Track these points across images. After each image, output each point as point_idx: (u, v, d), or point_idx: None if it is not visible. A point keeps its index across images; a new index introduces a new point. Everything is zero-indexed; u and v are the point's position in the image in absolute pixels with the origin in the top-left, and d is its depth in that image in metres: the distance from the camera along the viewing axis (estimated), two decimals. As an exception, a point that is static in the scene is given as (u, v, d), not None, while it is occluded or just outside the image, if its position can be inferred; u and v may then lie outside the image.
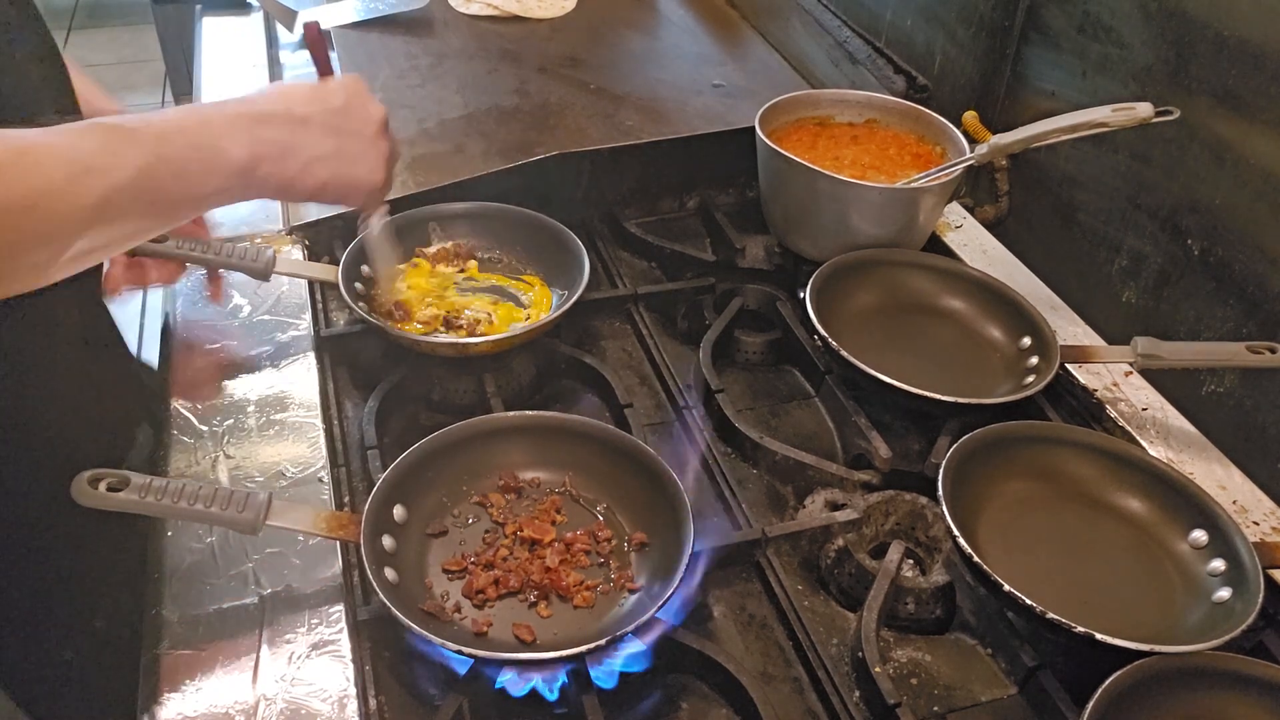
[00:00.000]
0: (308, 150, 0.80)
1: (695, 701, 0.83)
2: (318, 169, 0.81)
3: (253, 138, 0.76)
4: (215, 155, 0.73)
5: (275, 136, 0.78)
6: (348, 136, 0.84)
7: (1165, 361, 1.00)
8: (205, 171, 0.73)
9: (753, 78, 1.55)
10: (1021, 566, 0.87)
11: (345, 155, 0.83)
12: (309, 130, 0.80)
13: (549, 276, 1.18)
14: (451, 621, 0.82)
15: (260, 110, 0.79)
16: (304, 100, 0.82)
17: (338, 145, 0.83)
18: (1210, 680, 0.78)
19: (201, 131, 0.74)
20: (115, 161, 0.66)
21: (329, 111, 0.83)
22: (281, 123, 0.79)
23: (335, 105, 0.83)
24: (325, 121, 0.82)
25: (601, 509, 0.93)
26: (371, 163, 0.86)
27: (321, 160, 0.81)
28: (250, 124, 0.77)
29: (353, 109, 0.85)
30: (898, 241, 1.21)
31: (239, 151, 0.75)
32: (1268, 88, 0.95)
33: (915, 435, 1.07)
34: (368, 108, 0.87)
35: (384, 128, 0.88)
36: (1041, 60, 1.24)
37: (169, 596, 0.81)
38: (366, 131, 0.85)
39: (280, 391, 1.00)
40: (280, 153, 0.78)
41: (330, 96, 0.84)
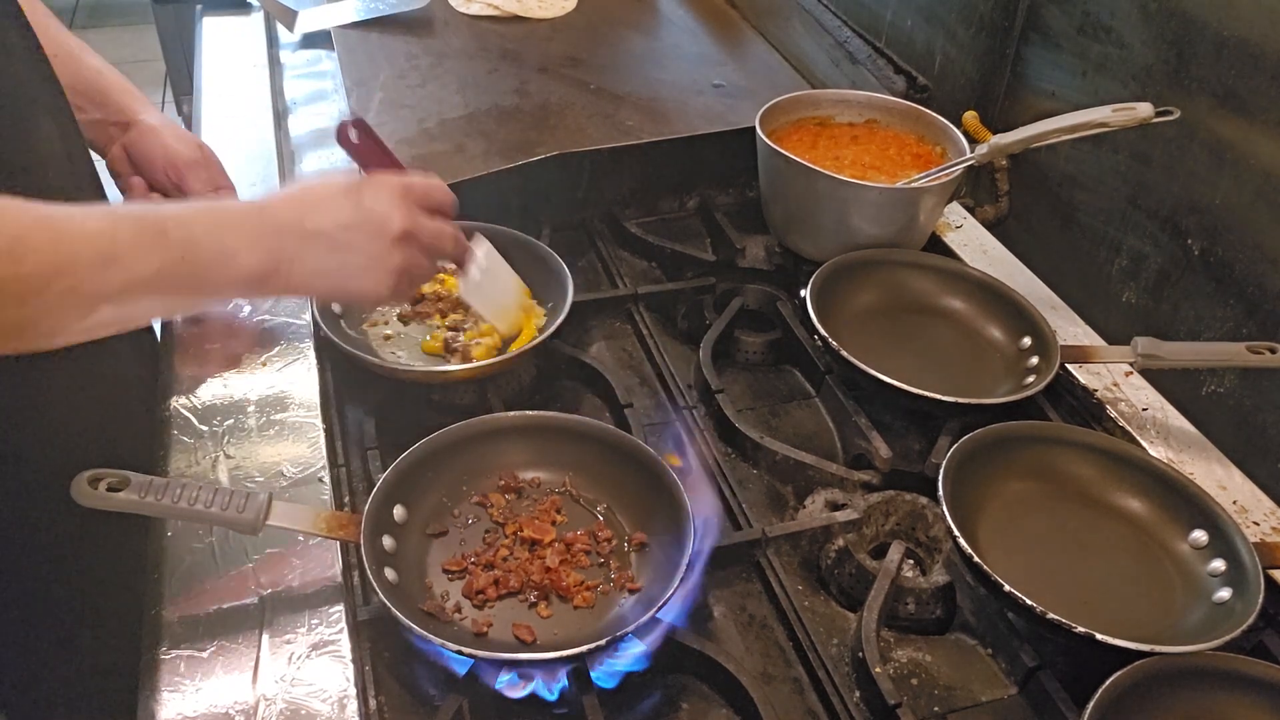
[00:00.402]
0: (312, 263, 0.82)
1: (695, 701, 0.83)
2: (319, 281, 0.85)
3: (267, 248, 0.79)
4: (232, 263, 0.77)
5: (285, 251, 0.80)
6: (353, 252, 0.84)
7: (1165, 361, 1.00)
8: (220, 276, 0.77)
9: (753, 78, 1.55)
10: (1022, 567, 0.87)
11: (346, 271, 0.84)
12: (316, 245, 0.82)
13: (535, 294, 1.15)
14: (451, 622, 0.82)
15: (278, 222, 0.82)
16: (317, 211, 0.83)
17: (341, 261, 0.84)
18: (1210, 680, 0.78)
19: (224, 237, 0.77)
20: (142, 256, 0.71)
21: (338, 226, 0.83)
22: (292, 236, 0.81)
23: (346, 220, 0.84)
24: (334, 236, 0.83)
25: (601, 509, 0.93)
26: (374, 278, 0.86)
27: (324, 274, 0.84)
28: (267, 236, 0.80)
29: (368, 222, 0.84)
30: (898, 241, 1.21)
31: (253, 262, 0.78)
32: (1268, 88, 0.95)
33: (915, 435, 1.07)
34: (385, 222, 0.85)
35: (401, 240, 0.86)
36: (1041, 60, 1.24)
37: (169, 596, 0.81)
38: (373, 248, 0.85)
39: (280, 391, 1.00)
40: (288, 265, 0.81)
41: (345, 209, 0.84)
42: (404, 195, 0.87)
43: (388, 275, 0.86)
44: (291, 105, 1.52)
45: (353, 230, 0.84)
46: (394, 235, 0.85)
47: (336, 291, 0.89)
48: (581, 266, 1.31)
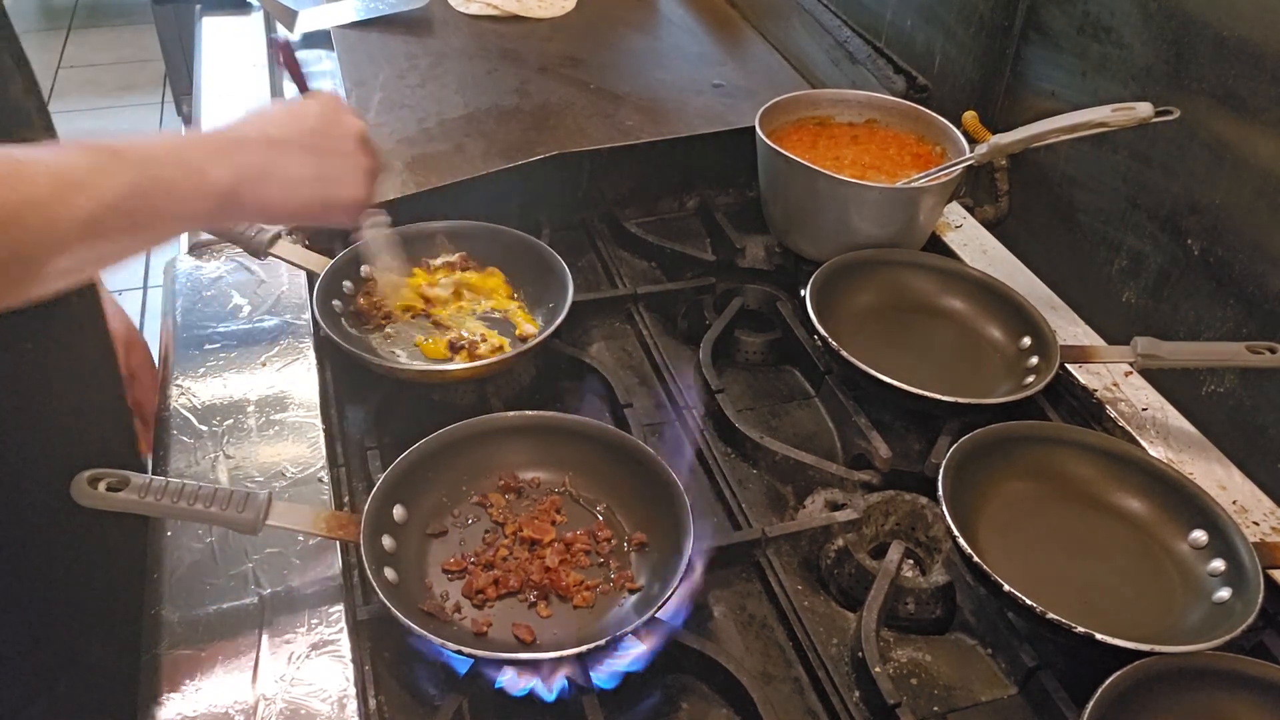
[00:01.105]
0: (287, 172, 0.81)
1: (695, 701, 0.83)
2: (300, 190, 0.83)
3: (234, 162, 0.77)
4: (200, 177, 0.74)
5: (254, 160, 0.79)
6: (326, 156, 0.84)
7: (1165, 361, 1.00)
8: (190, 193, 0.74)
9: (753, 78, 1.55)
10: (1021, 566, 0.87)
11: (325, 175, 0.84)
12: (287, 152, 0.81)
13: (534, 296, 1.15)
14: (451, 621, 0.82)
15: (239, 135, 0.80)
16: (279, 123, 0.83)
17: (317, 165, 0.83)
18: (1210, 680, 0.78)
19: (186, 154, 0.75)
20: (105, 179, 0.67)
21: (305, 132, 0.83)
22: (259, 147, 0.80)
23: (311, 126, 0.84)
24: (302, 142, 0.83)
25: (601, 509, 0.93)
26: (352, 179, 0.86)
27: (302, 181, 0.82)
28: (231, 148, 0.78)
29: (329, 127, 0.85)
30: (898, 241, 1.21)
31: (222, 174, 0.76)
32: (1268, 88, 0.95)
33: (915, 435, 1.07)
34: (344, 124, 0.87)
35: (363, 141, 0.88)
36: (1041, 60, 1.24)
37: (169, 596, 0.81)
38: (344, 148, 0.86)
39: (280, 391, 1.00)
40: (261, 175, 0.79)
41: (305, 117, 0.85)
42: (346, 106, 0.90)
43: (362, 175, 0.87)
44: (291, 105, 1.52)
45: (321, 134, 0.84)
46: (358, 135, 0.87)
47: (317, 199, 0.84)
48: (581, 266, 1.31)
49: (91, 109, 4.03)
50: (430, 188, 1.22)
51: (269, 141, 0.81)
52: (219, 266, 1.16)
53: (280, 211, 0.84)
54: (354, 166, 0.87)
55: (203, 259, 1.17)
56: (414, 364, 1.06)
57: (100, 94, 4.14)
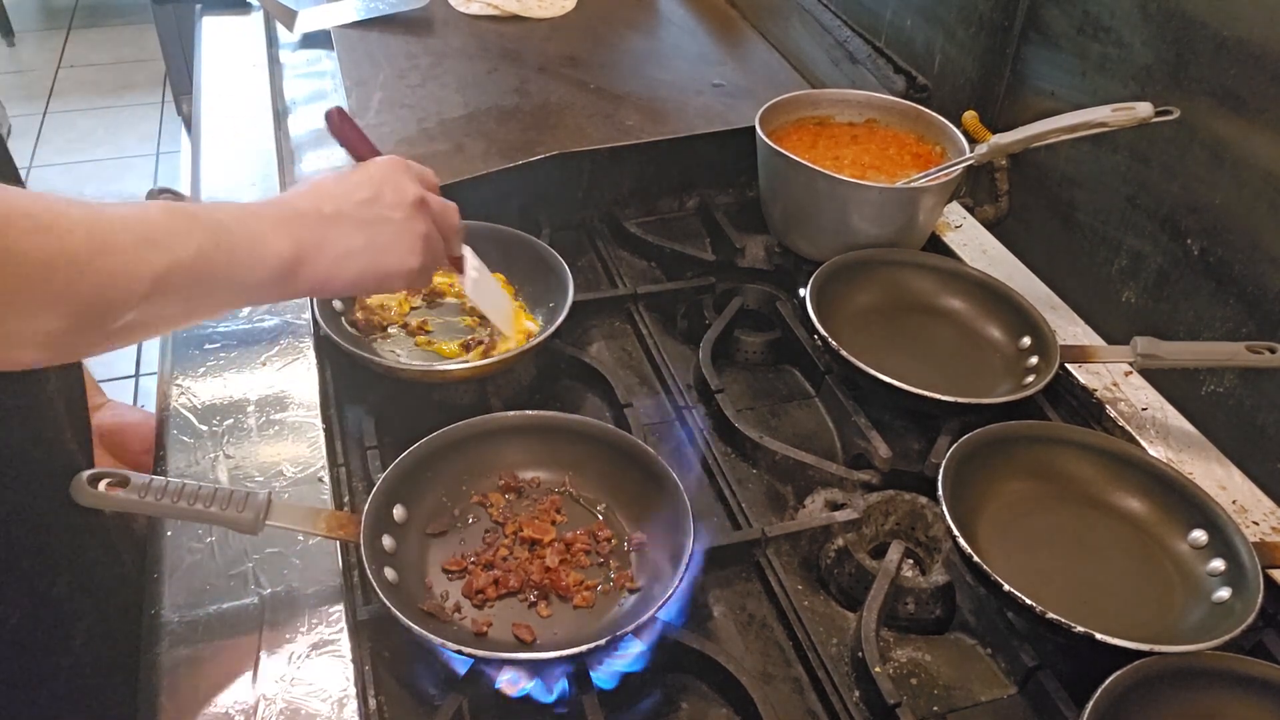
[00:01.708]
0: (339, 245, 0.80)
1: (695, 701, 0.83)
2: (349, 264, 0.81)
3: (293, 234, 0.77)
4: (265, 247, 0.75)
5: (311, 235, 0.79)
6: (377, 226, 0.83)
7: (1165, 361, 1.00)
8: (254, 262, 0.75)
9: (753, 77, 1.55)
10: (1021, 566, 0.87)
11: (376, 246, 0.83)
12: (339, 226, 0.81)
13: (534, 295, 1.15)
14: (451, 621, 0.82)
15: (297, 209, 0.80)
16: (331, 195, 0.83)
17: (368, 238, 0.82)
18: (1210, 680, 0.78)
19: (251, 223, 0.76)
20: (179, 240, 0.69)
21: (356, 204, 0.82)
22: (314, 221, 0.80)
23: (362, 197, 0.83)
24: (353, 214, 0.82)
25: (601, 509, 0.93)
26: (405, 248, 0.85)
27: (352, 254, 0.81)
28: (291, 220, 0.78)
29: (382, 196, 0.84)
30: (898, 241, 1.21)
31: (283, 246, 0.76)
32: (1268, 88, 0.95)
33: (915, 435, 1.07)
34: (400, 190, 0.85)
35: (419, 206, 0.86)
36: (1041, 60, 1.24)
37: (169, 596, 0.81)
38: (396, 216, 0.84)
39: (280, 391, 1.00)
40: (316, 250, 0.79)
41: (358, 188, 0.84)
42: (406, 168, 0.88)
43: (417, 242, 0.85)
44: (291, 105, 1.52)
45: (372, 204, 0.83)
46: (412, 202, 0.85)
47: (370, 271, 0.83)
48: (581, 266, 1.31)
49: (91, 109, 4.03)
50: (430, 188, 1.22)
51: (321, 216, 0.80)
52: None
53: (334, 285, 0.83)
54: (407, 234, 0.85)
55: (203, 259, 1.17)
56: (414, 364, 1.06)
57: (100, 94, 4.14)
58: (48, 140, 3.83)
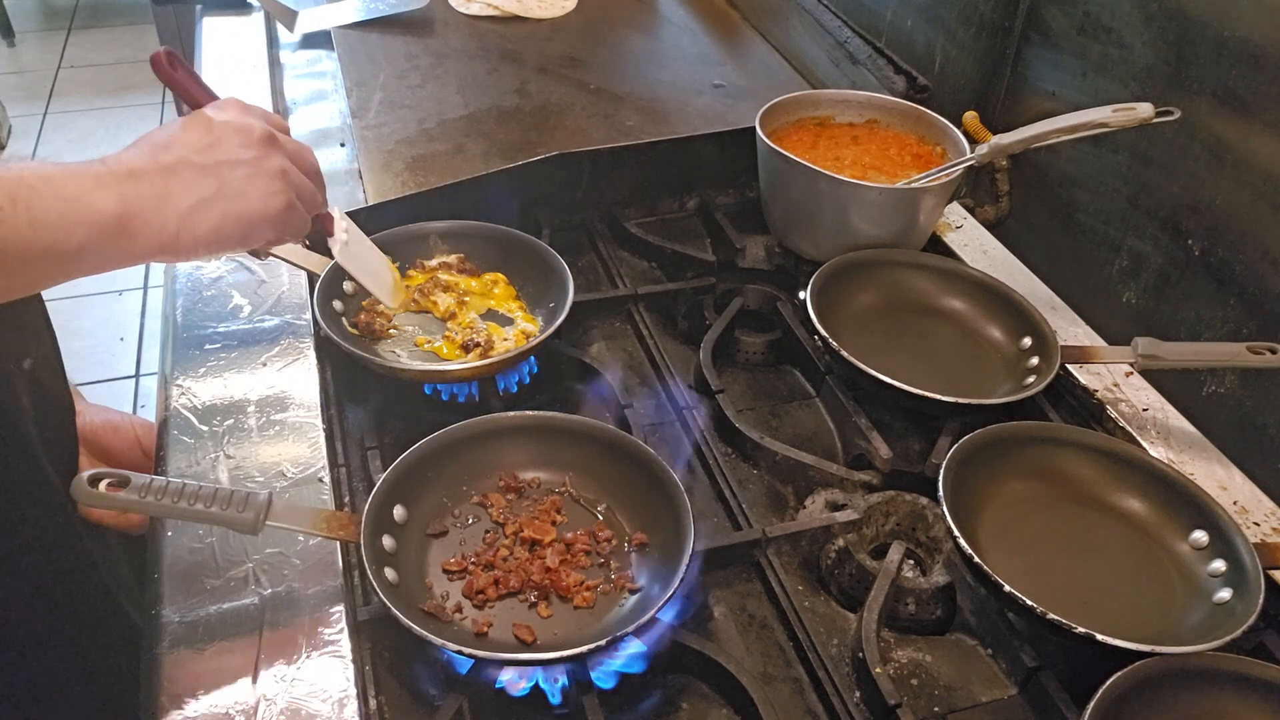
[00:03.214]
0: (186, 197, 0.72)
1: (695, 701, 0.83)
2: (204, 215, 0.73)
3: (120, 191, 0.69)
4: (80, 206, 0.67)
5: (146, 190, 0.70)
6: (226, 169, 0.75)
7: (1166, 362, 1.00)
8: (69, 222, 0.66)
9: (753, 78, 1.55)
10: (1022, 567, 0.87)
11: (230, 191, 0.74)
12: (181, 175, 0.72)
13: (534, 296, 1.15)
14: (452, 622, 0.82)
15: (127, 167, 0.71)
16: (168, 146, 0.74)
17: (219, 183, 0.74)
18: (1211, 681, 0.78)
19: (66, 180, 0.67)
20: None
21: (198, 150, 0.74)
22: (150, 175, 0.71)
23: (204, 141, 0.75)
24: (196, 160, 0.74)
25: (601, 509, 0.93)
26: (263, 188, 0.76)
27: (205, 204, 0.73)
28: (118, 180, 0.70)
29: (225, 138, 0.76)
30: (898, 242, 1.21)
31: (108, 202, 0.68)
32: (1268, 88, 0.95)
33: (916, 435, 1.07)
34: (245, 130, 0.77)
35: (268, 141, 0.78)
36: (1042, 61, 1.24)
37: (169, 596, 0.81)
38: (246, 155, 0.76)
39: (280, 391, 1.00)
40: (155, 205, 0.70)
41: (197, 133, 0.76)
42: (247, 107, 0.80)
43: (274, 182, 0.77)
44: (291, 105, 1.52)
45: (216, 148, 0.75)
46: (260, 138, 0.77)
47: (230, 219, 0.74)
48: (581, 266, 1.31)
49: (92, 109, 4.03)
50: (430, 188, 1.22)
51: (159, 168, 0.72)
52: (219, 266, 1.16)
53: (187, 242, 0.73)
54: (262, 172, 0.76)
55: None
56: (414, 364, 1.06)
57: (100, 94, 4.14)
58: (48, 140, 3.83)
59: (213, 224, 0.74)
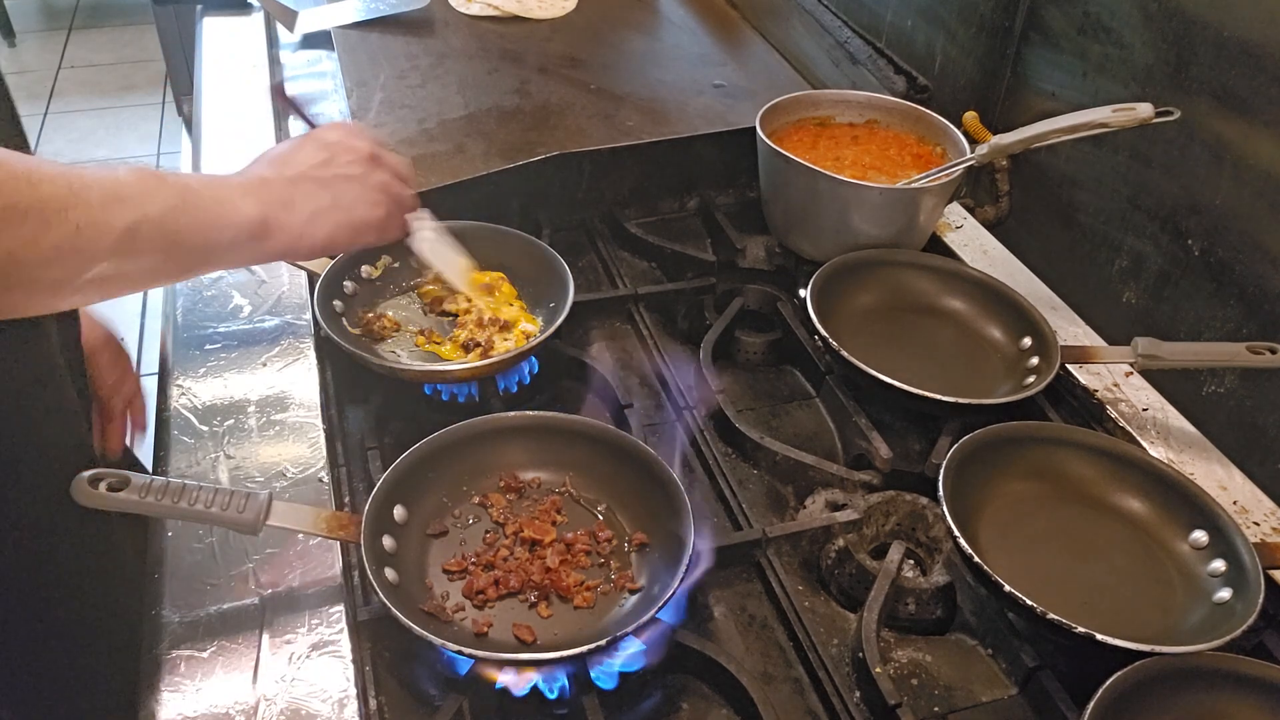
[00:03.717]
0: (307, 206, 0.86)
1: (695, 701, 0.83)
2: (321, 222, 0.87)
3: (259, 198, 0.82)
4: (232, 209, 0.80)
5: (278, 196, 0.84)
6: (339, 184, 0.89)
7: (1166, 362, 1.00)
8: (223, 222, 0.79)
9: (753, 78, 1.55)
10: (1022, 567, 0.87)
11: (342, 202, 0.88)
12: (303, 187, 0.86)
13: (534, 295, 1.15)
14: (452, 622, 0.82)
15: (260, 176, 0.86)
16: (289, 160, 0.88)
17: (333, 195, 0.88)
18: (1210, 681, 0.78)
19: (219, 187, 0.80)
20: (147, 196, 0.72)
21: (315, 166, 0.88)
22: (279, 185, 0.85)
23: (319, 159, 0.89)
24: (315, 175, 0.88)
25: (602, 509, 0.93)
26: (369, 200, 0.91)
27: (322, 212, 0.87)
28: (255, 187, 0.83)
29: (337, 156, 0.90)
30: (898, 242, 1.21)
31: (252, 208, 0.81)
32: (1268, 88, 0.95)
33: (916, 435, 1.07)
34: (352, 149, 0.91)
35: (374, 160, 0.92)
36: (1042, 61, 1.24)
37: (169, 596, 0.81)
38: (355, 171, 0.90)
39: (280, 391, 1.00)
40: (285, 209, 0.84)
41: (312, 152, 0.90)
42: (353, 129, 0.94)
43: (378, 194, 0.91)
44: (292, 105, 1.52)
45: (329, 165, 0.89)
46: (366, 156, 0.91)
47: (343, 225, 0.89)
48: (581, 267, 1.31)
49: (92, 109, 4.03)
50: (431, 188, 1.22)
51: (285, 180, 0.86)
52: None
53: (306, 244, 0.87)
54: (368, 186, 0.91)
55: (203, 259, 1.17)
56: (414, 364, 1.06)
57: (101, 94, 4.15)
58: (48, 140, 3.83)
59: (328, 230, 0.88)
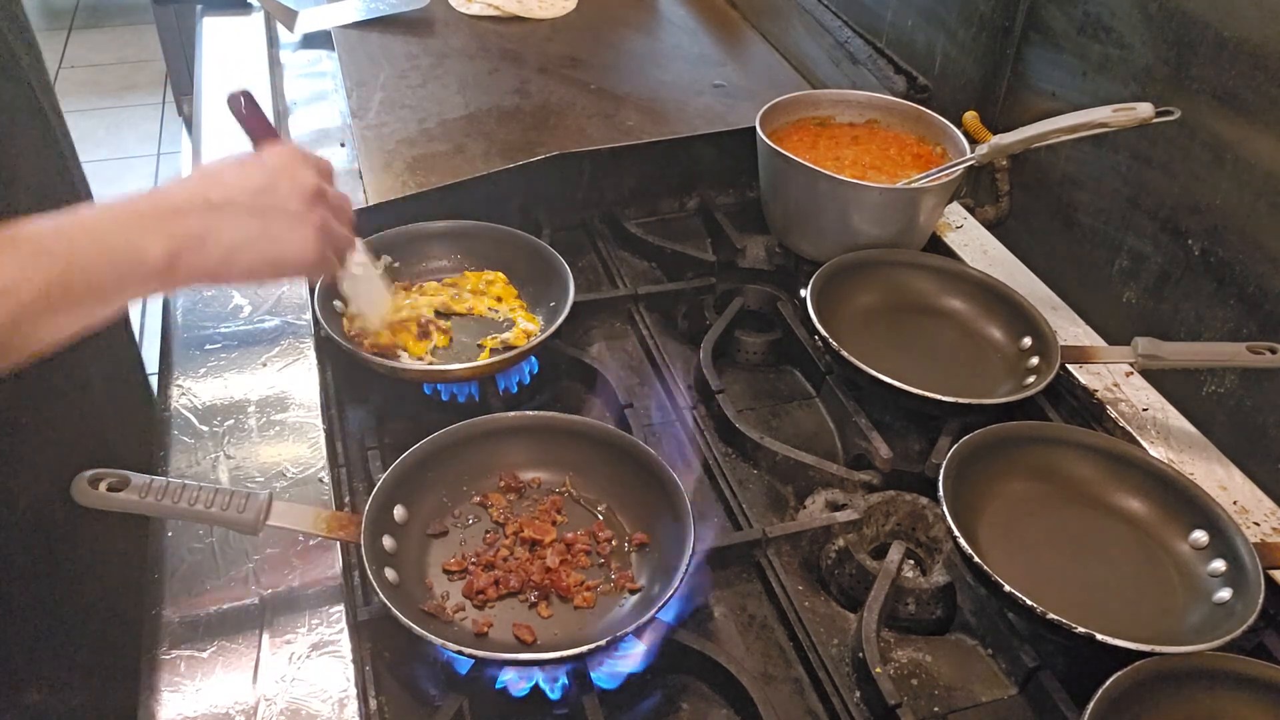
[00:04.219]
0: (227, 236, 0.76)
1: (695, 701, 0.83)
2: (241, 255, 0.77)
3: (169, 233, 0.72)
4: (131, 257, 0.70)
5: (192, 229, 0.74)
6: (272, 216, 0.79)
7: (1166, 362, 1.00)
8: (121, 274, 0.70)
9: (753, 78, 1.55)
10: (1022, 567, 0.87)
11: (270, 236, 0.79)
12: (226, 216, 0.77)
13: (534, 295, 1.15)
14: (452, 622, 0.82)
15: (175, 203, 0.76)
16: (222, 184, 0.79)
17: (262, 227, 0.78)
18: (1210, 681, 0.78)
19: (116, 233, 0.71)
20: (23, 279, 0.64)
21: (249, 192, 0.79)
22: (198, 212, 0.76)
23: (256, 184, 0.80)
24: (245, 203, 0.79)
25: (602, 509, 0.93)
26: (301, 239, 0.81)
27: (244, 244, 0.77)
28: (166, 219, 0.73)
29: (277, 184, 0.81)
30: (898, 242, 1.21)
31: (156, 250, 0.71)
32: (1268, 88, 0.95)
33: (916, 435, 1.07)
34: (297, 180, 0.82)
35: (317, 197, 0.83)
36: (1042, 61, 1.24)
37: (169, 596, 0.81)
38: (291, 206, 0.81)
39: (280, 391, 1.00)
40: (198, 243, 0.74)
41: (251, 175, 0.81)
42: (304, 158, 0.85)
43: (313, 233, 0.81)
44: (291, 105, 1.52)
45: (266, 193, 0.80)
46: (309, 192, 0.82)
47: (262, 262, 0.79)
48: (582, 267, 1.31)
49: (92, 109, 4.03)
50: (431, 188, 1.22)
51: (208, 205, 0.77)
52: (219, 267, 1.16)
53: (225, 277, 0.78)
54: (304, 224, 0.81)
55: (203, 259, 1.16)
56: (414, 364, 1.06)
57: (101, 94, 4.14)
58: (48, 141, 3.83)
59: (249, 262, 0.78)
